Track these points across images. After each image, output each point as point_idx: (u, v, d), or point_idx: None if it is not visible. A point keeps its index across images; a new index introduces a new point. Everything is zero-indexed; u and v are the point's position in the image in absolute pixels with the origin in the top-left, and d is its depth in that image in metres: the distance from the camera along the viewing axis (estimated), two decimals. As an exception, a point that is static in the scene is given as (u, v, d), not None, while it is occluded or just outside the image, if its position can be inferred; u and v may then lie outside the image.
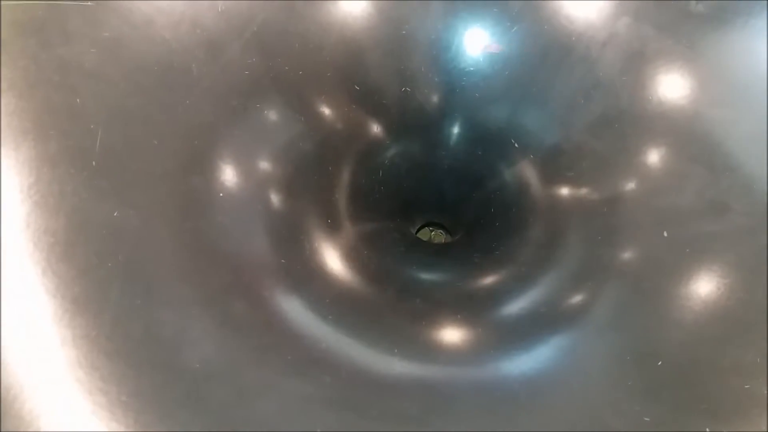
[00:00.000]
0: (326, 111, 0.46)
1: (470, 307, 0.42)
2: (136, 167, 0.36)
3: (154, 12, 0.40)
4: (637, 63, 0.44)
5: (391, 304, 0.41)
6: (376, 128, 0.49)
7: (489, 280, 0.45)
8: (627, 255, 0.41)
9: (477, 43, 0.49)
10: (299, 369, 0.33)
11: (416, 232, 0.58)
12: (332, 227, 0.43)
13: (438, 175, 0.54)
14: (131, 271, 0.32)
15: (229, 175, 0.39)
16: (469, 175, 0.53)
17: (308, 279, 0.38)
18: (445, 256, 0.50)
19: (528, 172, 0.49)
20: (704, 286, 0.37)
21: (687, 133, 0.42)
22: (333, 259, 0.41)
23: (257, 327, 0.34)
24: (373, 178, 0.50)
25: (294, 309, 0.36)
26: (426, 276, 0.46)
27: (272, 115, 0.43)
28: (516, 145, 0.49)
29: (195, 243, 0.35)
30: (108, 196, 0.34)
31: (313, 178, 0.44)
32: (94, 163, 0.35)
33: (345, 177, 0.47)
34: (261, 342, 0.33)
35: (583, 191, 0.45)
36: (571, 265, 0.43)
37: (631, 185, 0.43)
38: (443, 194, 0.55)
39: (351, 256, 0.42)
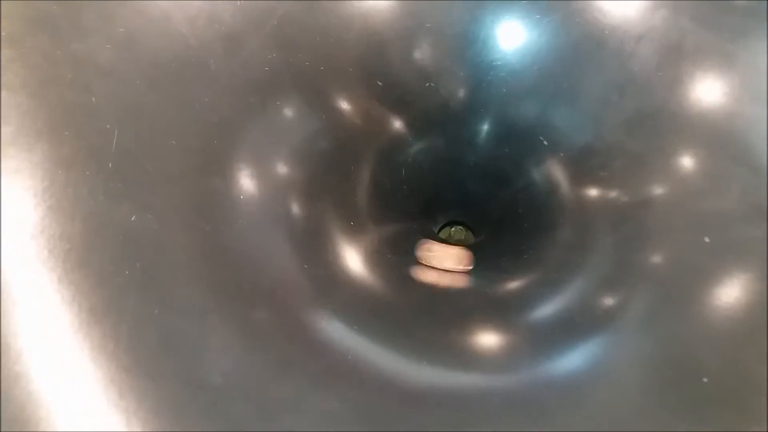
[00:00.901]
0: (347, 108, 0.45)
1: (500, 314, 0.41)
2: (153, 168, 0.34)
3: (171, 6, 0.39)
4: (674, 58, 0.42)
5: (418, 310, 0.40)
6: (398, 125, 0.48)
7: (518, 284, 0.44)
8: (661, 260, 0.39)
9: (505, 36, 0.47)
10: (324, 382, 0.31)
11: (438, 231, 0.56)
12: (354, 230, 0.42)
13: (462, 172, 0.52)
14: (148, 279, 0.31)
15: (248, 176, 0.38)
16: (495, 173, 0.51)
17: (332, 285, 0.37)
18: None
19: (557, 171, 0.47)
20: (746, 295, 0.35)
21: (727, 132, 0.40)
22: (356, 264, 0.40)
23: (279, 337, 0.32)
24: (396, 176, 0.48)
25: (318, 317, 0.34)
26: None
27: (292, 112, 0.42)
28: (545, 142, 0.47)
29: (213, 248, 0.34)
30: (125, 199, 0.33)
31: (333, 178, 0.42)
32: (110, 164, 0.33)
33: (366, 176, 0.45)
34: (283, 353, 0.32)
35: (616, 192, 0.43)
36: (601, 269, 0.41)
37: (666, 186, 0.41)
38: (467, 192, 0.53)
39: (374, 260, 0.41)
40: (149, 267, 0.31)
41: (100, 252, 0.31)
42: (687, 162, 0.40)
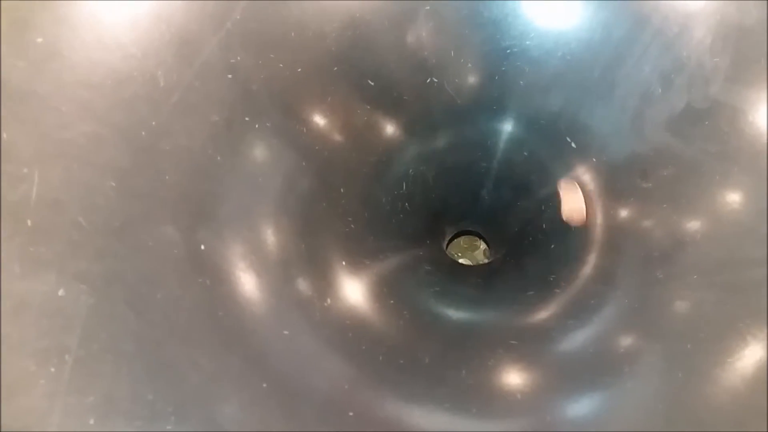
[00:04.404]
0: (333, 117, 0.37)
1: (517, 354, 0.34)
2: (87, 222, 0.27)
3: (104, 7, 0.31)
4: (734, 39, 0.34)
5: (435, 360, 0.33)
6: (395, 132, 0.40)
7: (540, 320, 0.37)
8: (685, 309, 0.33)
9: (521, 17, 0.38)
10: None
11: (447, 245, 0.49)
12: (350, 270, 0.34)
13: (474, 179, 0.45)
14: (82, 376, 0.24)
15: (210, 218, 0.30)
16: (512, 179, 0.44)
17: (319, 355, 0.29)
18: (489, 290, 0.41)
19: (589, 179, 0.39)
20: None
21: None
22: (354, 316, 0.33)
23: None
24: (396, 193, 0.40)
25: (298, 405, 0.27)
26: (470, 317, 0.38)
27: (265, 130, 0.34)
28: (573, 145, 0.39)
29: (167, 322, 0.27)
30: (50, 268, 0.26)
31: (320, 207, 0.35)
32: (29, 222, 0.26)
33: (361, 198, 0.38)
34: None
35: (655, 215, 0.35)
36: (624, 311, 0.34)
37: (713, 213, 0.34)
38: (480, 200, 0.46)
39: (376, 308, 0.34)
40: (83, 359, 0.24)
41: (18, 343, 0.24)
42: (749, 177, 0.32)
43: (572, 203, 0.39)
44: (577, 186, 0.39)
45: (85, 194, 0.28)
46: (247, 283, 0.30)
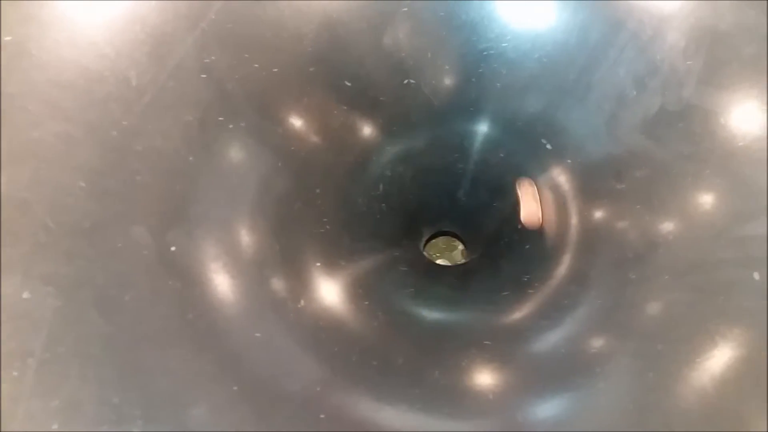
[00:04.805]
0: (310, 117, 0.37)
1: (490, 355, 0.34)
2: (54, 223, 0.27)
3: (76, 6, 0.31)
4: (708, 42, 0.34)
5: (409, 361, 0.33)
6: (372, 133, 0.40)
7: (514, 321, 0.37)
8: (657, 311, 0.33)
9: (498, 19, 0.38)
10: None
11: (425, 245, 0.49)
12: (325, 271, 0.34)
13: (451, 180, 0.45)
14: (46, 380, 0.24)
15: (182, 219, 0.30)
16: (488, 181, 0.44)
17: (292, 357, 0.29)
18: (465, 291, 0.41)
19: (564, 181, 0.39)
20: (734, 363, 0.29)
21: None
22: (328, 318, 0.33)
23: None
24: (372, 194, 0.40)
25: (269, 407, 0.27)
26: (445, 317, 0.38)
27: (240, 130, 0.34)
28: (548, 146, 0.40)
29: (136, 325, 0.26)
30: (14, 271, 0.25)
31: (296, 207, 0.35)
32: (-6, 223, 0.26)
33: (337, 199, 0.38)
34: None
35: (628, 218, 0.35)
36: (596, 312, 0.35)
37: (685, 215, 0.34)
38: (457, 201, 0.46)
39: (351, 309, 0.34)
40: (48, 362, 0.24)
41: (-19, 348, 0.24)
42: (727, 176, 0.33)
43: (529, 208, 0.40)
44: (533, 186, 0.40)
45: (54, 195, 0.27)
46: (220, 284, 0.30)
